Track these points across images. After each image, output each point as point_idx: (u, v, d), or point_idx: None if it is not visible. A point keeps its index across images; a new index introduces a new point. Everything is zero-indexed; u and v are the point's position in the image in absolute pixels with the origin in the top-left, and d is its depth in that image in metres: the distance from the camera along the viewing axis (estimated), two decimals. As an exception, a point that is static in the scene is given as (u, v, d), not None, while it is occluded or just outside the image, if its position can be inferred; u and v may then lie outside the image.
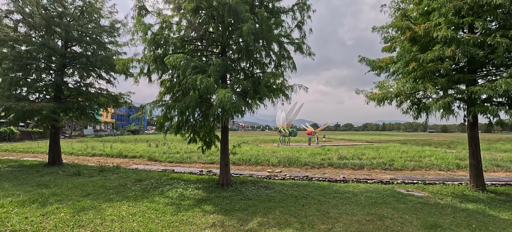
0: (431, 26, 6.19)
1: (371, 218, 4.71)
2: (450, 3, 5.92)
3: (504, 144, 25.34)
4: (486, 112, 5.48)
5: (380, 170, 12.94)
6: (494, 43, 5.26)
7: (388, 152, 17.56)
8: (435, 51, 5.73)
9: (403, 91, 6.85)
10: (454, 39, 5.71)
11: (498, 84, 4.91)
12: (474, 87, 5.43)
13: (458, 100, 6.24)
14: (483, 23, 5.67)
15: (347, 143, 32.87)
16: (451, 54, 5.61)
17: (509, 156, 15.01)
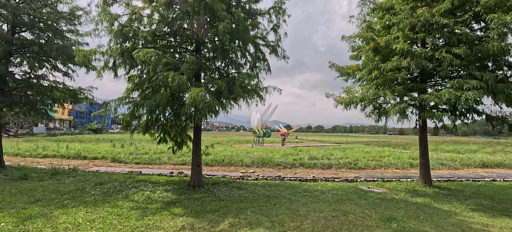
0: (391, 39, 6.88)
1: (336, 214, 5.03)
2: (407, 20, 6.65)
3: (447, 145, 29.14)
4: (433, 117, 6.28)
5: (346, 169, 13.88)
6: (440, 57, 6.05)
7: (354, 153, 18.87)
8: (394, 62, 6.39)
9: (366, 97, 7.47)
10: (409, 52, 6.43)
11: (442, 93, 5.66)
12: (424, 95, 6.18)
13: (411, 107, 7.03)
14: (432, 39, 6.49)
15: (318, 144, 34.56)
16: (407, 65, 6.30)
17: (451, 156, 17.32)
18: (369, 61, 7.27)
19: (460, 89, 5.50)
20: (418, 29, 6.76)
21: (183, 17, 6.90)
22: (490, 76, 5.49)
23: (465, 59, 6.03)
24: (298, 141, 39.52)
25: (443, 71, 6.10)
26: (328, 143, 39.89)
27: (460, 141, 47.84)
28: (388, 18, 7.34)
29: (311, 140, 50.62)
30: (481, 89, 5.36)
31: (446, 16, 6.15)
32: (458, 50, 5.81)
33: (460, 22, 6.38)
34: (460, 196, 6.81)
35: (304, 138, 63.40)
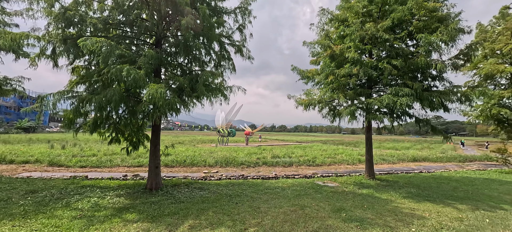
0: (344, 48, 7.64)
1: (294, 209, 5.36)
2: (357, 32, 7.48)
3: (388, 143, 33.69)
4: (376, 119, 7.23)
5: (305, 166, 14.82)
6: (383, 67, 7.00)
7: (313, 151, 20.25)
8: (346, 69, 7.12)
9: (323, 99, 8.14)
10: (359, 60, 7.25)
11: (383, 98, 6.56)
12: (369, 100, 7.06)
13: (360, 109, 7.94)
14: (377, 51, 7.46)
15: (281, 143, 35.96)
16: (357, 73, 7.10)
17: (390, 152, 20.10)
18: (326, 66, 7.94)
19: (396, 96, 6.48)
20: (366, 41, 7.68)
21: (142, 6, 6.38)
22: (419, 86, 6.61)
23: (401, 70, 7.10)
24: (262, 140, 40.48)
25: (384, 79, 7.07)
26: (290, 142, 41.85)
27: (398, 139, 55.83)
28: (342, 29, 8.13)
29: (274, 139, 52.35)
30: (412, 96, 6.41)
31: (387, 32, 7.13)
32: (396, 62, 6.81)
33: (398, 39, 7.48)
34: (395, 186, 8.00)
35: (268, 137, 65.15)
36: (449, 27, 6.34)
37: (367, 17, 7.92)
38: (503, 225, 4.75)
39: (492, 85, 11.79)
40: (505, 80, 11.44)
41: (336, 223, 4.58)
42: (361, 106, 7.88)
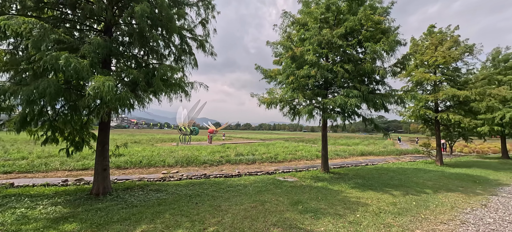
0: (304, 50, 8.10)
1: (255, 205, 5.48)
2: (316, 37, 8.02)
3: (342, 140, 37.19)
4: (330, 117, 7.90)
5: (268, 163, 15.26)
6: (337, 70, 7.66)
7: (275, 148, 20.96)
8: (305, 70, 7.57)
9: (285, 99, 8.50)
10: (316, 63, 7.78)
11: (336, 99, 7.21)
12: (325, 100, 7.66)
13: (317, 109, 8.56)
14: (333, 55, 8.12)
15: (245, 141, 36.23)
16: (315, 74, 7.62)
17: (343, 148, 22.20)
18: (287, 67, 8.30)
19: (347, 97, 7.19)
20: (323, 45, 8.29)
21: (86, -14, 5.60)
22: (365, 89, 7.46)
23: (352, 74, 7.90)
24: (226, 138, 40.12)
25: (338, 82, 7.76)
26: (254, 139, 42.50)
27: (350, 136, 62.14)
28: (303, 32, 8.60)
29: (239, 137, 52.41)
30: (360, 97, 7.20)
31: (341, 39, 7.83)
32: (347, 66, 7.54)
33: (350, 46, 8.29)
34: (346, 178, 8.89)
35: (232, 135, 64.81)
36: (390, 38, 7.32)
37: (324, 24, 8.55)
38: (425, 206, 5.74)
39: (420, 91, 14.08)
40: (430, 87, 13.78)
41: (293, 215, 4.85)
42: (318, 106, 8.49)
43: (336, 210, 5.22)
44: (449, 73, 13.13)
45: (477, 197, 6.67)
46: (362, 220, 4.68)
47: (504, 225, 4.61)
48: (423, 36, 14.65)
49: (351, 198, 6.22)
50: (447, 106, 13.65)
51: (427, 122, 14.48)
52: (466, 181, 8.88)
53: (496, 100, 13.76)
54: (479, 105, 12.55)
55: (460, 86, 12.77)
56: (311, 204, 5.63)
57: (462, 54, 12.73)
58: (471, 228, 4.44)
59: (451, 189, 7.63)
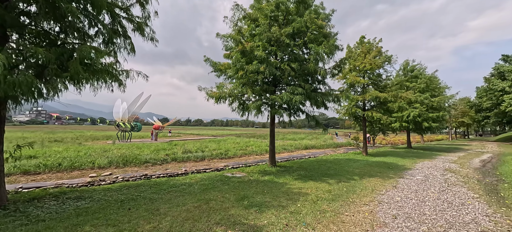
0: (254, 46, 8.13)
1: (199, 204, 5.18)
2: (265, 33, 8.14)
3: (290, 135, 39.88)
4: (277, 113, 8.20)
5: (218, 159, 14.93)
6: (284, 68, 7.98)
7: (227, 144, 20.72)
8: (254, 65, 7.59)
9: (234, 93, 8.36)
10: (266, 59, 7.91)
11: (282, 95, 7.52)
12: (272, 96, 7.89)
13: (265, 104, 8.76)
14: (280, 53, 8.41)
15: (195, 137, 34.70)
16: (264, 70, 7.73)
17: (290, 143, 23.75)
18: (237, 61, 8.17)
19: (292, 94, 7.59)
20: (272, 43, 8.50)
21: None
22: (308, 87, 8.02)
23: (297, 72, 8.38)
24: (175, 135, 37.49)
25: (285, 79, 8.11)
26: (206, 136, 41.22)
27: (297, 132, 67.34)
28: (253, 27, 8.60)
29: (189, 133, 49.89)
30: (303, 95, 7.70)
31: (289, 38, 8.17)
32: (294, 65, 7.95)
33: (297, 46, 8.76)
34: (290, 171, 9.47)
35: (182, 131, 61.31)
36: (330, 42, 8.05)
37: (274, 22, 8.76)
38: (353, 191, 6.60)
39: (353, 92, 16.29)
40: (360, 89, 16.09)
41: (238, 211, 4.79)
42: (266, 102, 8.69)
43: (280, 202, 5.43)
44: (374, 78, 15.58)
45: (390, 180, 8.12)
46: (302, 209, 5.00)
47: (407, 201, 5.71)
48: (356, 45, 16.90)
49: (294, 189, 6.62)
50: (372, 106, 16.19)
51: (357, 118, 16.87)
52: (383, 167, 10.73)
53: (405, 102, 17.13)
54: (393, 105, 15.34)
55: (381, 89, 15.32)
56: (257, 198, 5.71)
57: (383, 63, 15.27)
58: (385, 206, 5.32)
59: (373, 174, 9.07)
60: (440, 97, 21.79)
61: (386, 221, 4.42)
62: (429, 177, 8.81)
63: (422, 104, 19.88)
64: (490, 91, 29.46)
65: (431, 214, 4.78)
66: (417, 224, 4.30)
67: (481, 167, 11.51)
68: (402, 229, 4.06)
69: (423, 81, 21.30)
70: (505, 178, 8.63)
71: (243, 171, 9.56)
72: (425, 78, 21.59)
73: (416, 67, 22.53)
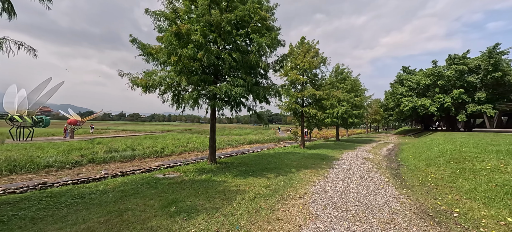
0: (191, 29, 7.18)
1: (108, 218, 4.06)
2: (205, 16, 7.31)
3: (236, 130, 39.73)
4: (215, 106, 7.55)
5: (151, 158, 13.14)
6: (225, 57, 7.37)
7: (166, 141, 18.67)
8: (189, 50, 6.69)
9: (166, 82, 7.21)
10: (204, 45, 7.11)
11: (221, 87, 6.93)
12: (211, 87, 7.20)
13: (204, 96, 7.98)
14: (222, 41, 7.75)
15: (129, 134, 30.32)
16: (201, 57, 6.92)
17: (235, 138, 23.46)
18: (169, 44, 7.06)
19: (233, 86, 7.10)
20: (213, 29, 7.74)
21: None
22: (250, 79, 7.69)
23: (239, 63, 7.92)
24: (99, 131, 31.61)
25: (225, 69, 7.52)
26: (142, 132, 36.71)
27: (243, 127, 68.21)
28: (191, 8, 7.61)
29: (122, 129, 43.34)
30: (244, 87, 7.32)
31: (230, 24, 7.59)
32: (235, 55, 7.44)
33: (240, 36, 8.28)
34: (231, 167, 9.04)
35: (113, 127, 53.01)
36: (272, 35, 7.92)
37: (215, 5, 7.99)
38: (290, 184, 6.70)
39: (293, 89, 17.25)
40: (299, 86, 17.18)
41: (160, 222, 3.96)
42: (205, 94, 7.91)
43: (214, 204, 4.88)
44: (311, 77, 16.87)
45: (322, 171, 8.77)
46: (237, 209, 4.60)
47: (335, 190, 6.13)
48: (297, 44, 17.88)
49: (231, 188, 6.18)
50: (309, 102, 17.54)
51: (296, 114, 17.98)
52: (317, 159, 11.66)
53: (335, 100, 19.31)
54: (326, 102, 17.03)
55: (317, 87, 16.74)
56: (188, 202, 4.98)
57: (320, 63, 16.68)
58: (318, 197, 5.52)
59: (308, 166, 9.64)
60: (361, 97, 25.79)
61: (317, 213, 4.50)
62: (352, 165, 10.02)
63: (348, 102, 23.03)
64: (393, 94, 37.06)
65: (355, 201, 5.21)
66: (344, 212, 4.55)
67: (387, 155, 14.05)
68: (331, 219, 4.19)
69: (349, 82, 24.67)
70: (404, 163, 10.69)
71: (179, 170, 8.53)
72: (351, 80, 25.07)
73: (344, 70, 25.90)
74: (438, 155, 9.82)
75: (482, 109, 24.21)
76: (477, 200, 4.79)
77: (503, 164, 6.30)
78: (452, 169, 7.22)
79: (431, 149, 11.84)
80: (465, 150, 9.16)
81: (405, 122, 58.01)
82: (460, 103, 25.94)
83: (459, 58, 27.32)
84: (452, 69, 26.16)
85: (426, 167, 8.58)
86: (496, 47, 24.33)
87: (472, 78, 25.23)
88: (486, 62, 24.09)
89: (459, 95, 25.15)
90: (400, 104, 32.18)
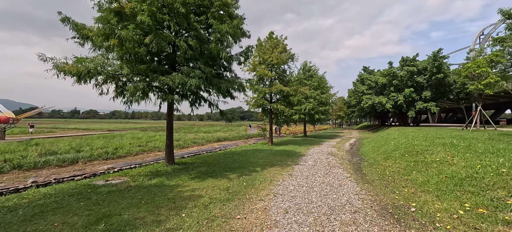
0: (138, 9, 6.09)
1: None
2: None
3: (205, 128, 38.17)
4: (168, 100, 6.59)
5: (100, 161, 11.46)
6: (180, 45, 6.46)
7: (122, 140, 16.69)
8: (131, 31, 5.59)
9: (105, 70, 6.01)
10: (153, 28, 6.09)
11: (174, 77, 6.03)
12: (162, 77, 6.23)
13: (156, 89, 6.95)
14: (176, 26, 6.79)
15: (79, 133, 26.70)
16: (149, 42, 5.91)
17: (203, 135, 22.26)
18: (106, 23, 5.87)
19: (188, 76, 6.25)
20: (165, 11, 6.74)
21: None
22: (209, 70, 6.89)
23: (196, 51, 7.08)
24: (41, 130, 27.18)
25: (181, 58, 6.61)
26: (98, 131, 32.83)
27: (214, 124, 66.33)
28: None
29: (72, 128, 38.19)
30: (202, 79, 6.52)
31: (185, 7, 6.67)
32: (191, 42, 6.58)
33: (199, 22, 7.41)
34: (190, 168, 8.18)
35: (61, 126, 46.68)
36: (234, 22, 7.24)
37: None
38: (252, 185, 6.19)
39: (262, 84, 16.88)
40: (268, 82, 16.88)
41: (76, 247, 3.04)
42: (158, 86, 6.90)
43: (158, 216, 4.07)
44: (279, 72, 16.68)
45: (288, 168, 8.49)
46: (186, 221, 3.88)
47: (299, 190, 5.81)
48: (266, 39, 17.51)
49: (185, 193, 5.40)
50: (277, 99, 17.38)
51: (265, 111, 17.69)
52: (284, 156, 11.45)
53: (303, 96, 19.55)
54: (294, 99, 17.05)
55: (285, 84, 16.63)
56: (125, 215, 4.07)
57: (288, 59, 16.56)
58: (279, 199, 5.11)
59: (274, 164, 9.30)
60: (327, 94, 26.81)
61: (277, 218, 4.04)
62: (317, 161, 10.01)
63: (315, 99, 23.67)
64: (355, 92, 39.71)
65: (317, 201, 4.92)
66: (305, 215, 4.18)
67: (350, 149, 14.65)
68: (291, 225, 3.77)
69: (316, 80, 25.37)
70: (364, 157, 11.12)
71: (127, 174, 7.36)
72: (317, 78, 25.82)
73: (312, 68, 26.57)
74: (394, 148, 10.40)
75: (427, 107, 27.23)
76: (430, 193, 4.90)
77: (450, 156, 6.75)
78: (407, 162, 7.56)
79: (388, 143, 12.60)
80: (417, 143, 9.83)
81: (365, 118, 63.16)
82: (410, 101, 28.79)
83: (410, 60, 30.26)
84: (405, 70, 28.85)
85: (384, 161, 8.94)
86: (439, 52, 27.53)
87: (420, 79, 28.18)
88: (432, 64, 27.09)
89: (409, 93, 27.87)
90: (361, 102, 34.50)
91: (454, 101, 30.32)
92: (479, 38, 42.69)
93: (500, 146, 7.51)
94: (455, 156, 6.69)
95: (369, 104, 31.74)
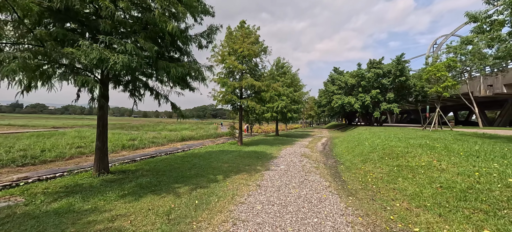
0: None
1: None
2: None
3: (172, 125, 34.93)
4: (86, 85, 4.54)
5: (12, 168, 8.60)
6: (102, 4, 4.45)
7: (61, 139, 13.46)
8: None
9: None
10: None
11: (88, 50, 4.04)
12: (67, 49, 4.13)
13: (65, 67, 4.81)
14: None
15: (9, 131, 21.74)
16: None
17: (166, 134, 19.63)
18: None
19: (111, 50, 4.33)
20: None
21: None
22: (150, 46, 4.98)
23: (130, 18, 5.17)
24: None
25: (105, 25, 4.61)
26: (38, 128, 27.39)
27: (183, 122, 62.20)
28: None
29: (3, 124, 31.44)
30: (139, 56, 4.64)
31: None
32: (123, 4, 4.65)
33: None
34: (128, 179, 6.18)
35: (-13, 121, 38.61)
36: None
37: None
38: (206, 203, 4.59)
39: (231, 78, 15.25)
40: (238, 76, 15.31)
41: None
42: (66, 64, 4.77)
43: None
44: (251, 66, 15.21)
45: (256, 175, 7.05)
46: None
47: (268, 210, 4.40)
48: (237, 28, 15.87)
49: (96, 226, 3.54)
50: (248, 94, 15.92)
51: (234, 107, 16.09)
52: (253, 158, 10.02)
53: (275, 93, 18.45)
54: (266, 95, 15.78)
55: (257, 78, 15.25)
56: None
57: (260, 52, 15.19)
58: (241, 227, 3.61)
59: (241, 169, 7.80)
60: (300, 92, 26.30)
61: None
62: (291, 165, 8.81)
63: (288, 97, 22.86)
64: (326, 92, 40.52)
65: (293, 230, 3.55)
66: (276, 259, 2.76)
67: (323, 150, 13.92)
68: None
69: (289, 77, 24.61)
70: (339, 159, 10.32)
71: (26, 192, 5.08)
72: (290, 75, 25.11)
73: (285, 64, 25.76)
74: (370, 150, 9.74)
75: (391, 108, 28.65)
76: (430, 210, 3.91)
77: (436, 160, 6.06)
78: (389, 167, 6.73)
79: (362, 144, 12.08)
80: (393, 144, 9.28)
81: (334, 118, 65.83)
82: (376, 102, 30.04)
83: (377, 63, 31.60)
84: (372, 72, 29.94)
85: (362, 164, 8.10)
86: (402, 56, 29.17)
87: (385, 81, 29.54)
88: (395, 67, 28.54)
89: (376, 95, 29.00)
90: (331, 102, 35.11)
91: (412, 103, 32.58)
92: (433, 47, 47.24)
93: (475, 147, 7.17)
94: (441, 160, 6.00)
95: (339, 104, 32.36)
